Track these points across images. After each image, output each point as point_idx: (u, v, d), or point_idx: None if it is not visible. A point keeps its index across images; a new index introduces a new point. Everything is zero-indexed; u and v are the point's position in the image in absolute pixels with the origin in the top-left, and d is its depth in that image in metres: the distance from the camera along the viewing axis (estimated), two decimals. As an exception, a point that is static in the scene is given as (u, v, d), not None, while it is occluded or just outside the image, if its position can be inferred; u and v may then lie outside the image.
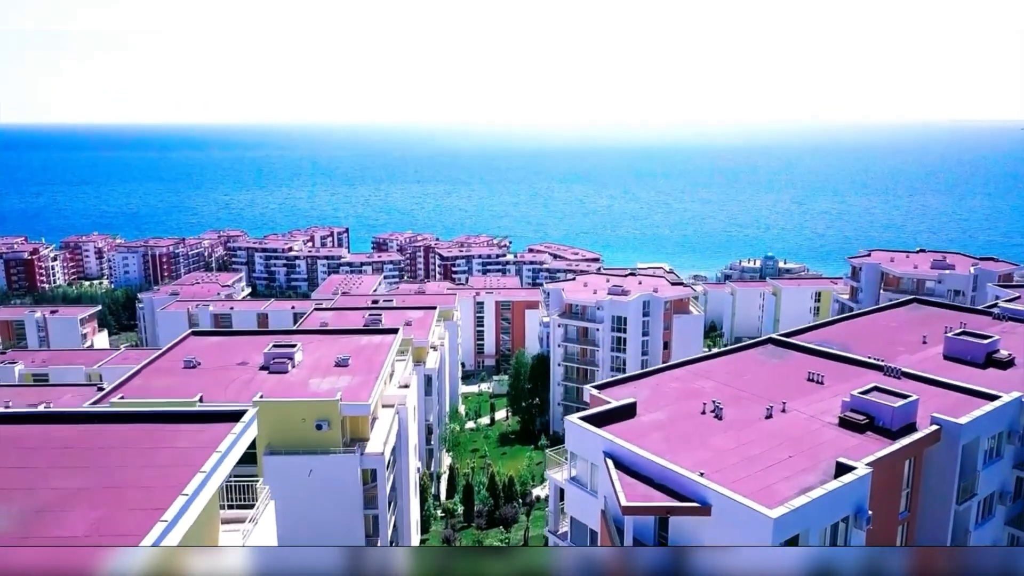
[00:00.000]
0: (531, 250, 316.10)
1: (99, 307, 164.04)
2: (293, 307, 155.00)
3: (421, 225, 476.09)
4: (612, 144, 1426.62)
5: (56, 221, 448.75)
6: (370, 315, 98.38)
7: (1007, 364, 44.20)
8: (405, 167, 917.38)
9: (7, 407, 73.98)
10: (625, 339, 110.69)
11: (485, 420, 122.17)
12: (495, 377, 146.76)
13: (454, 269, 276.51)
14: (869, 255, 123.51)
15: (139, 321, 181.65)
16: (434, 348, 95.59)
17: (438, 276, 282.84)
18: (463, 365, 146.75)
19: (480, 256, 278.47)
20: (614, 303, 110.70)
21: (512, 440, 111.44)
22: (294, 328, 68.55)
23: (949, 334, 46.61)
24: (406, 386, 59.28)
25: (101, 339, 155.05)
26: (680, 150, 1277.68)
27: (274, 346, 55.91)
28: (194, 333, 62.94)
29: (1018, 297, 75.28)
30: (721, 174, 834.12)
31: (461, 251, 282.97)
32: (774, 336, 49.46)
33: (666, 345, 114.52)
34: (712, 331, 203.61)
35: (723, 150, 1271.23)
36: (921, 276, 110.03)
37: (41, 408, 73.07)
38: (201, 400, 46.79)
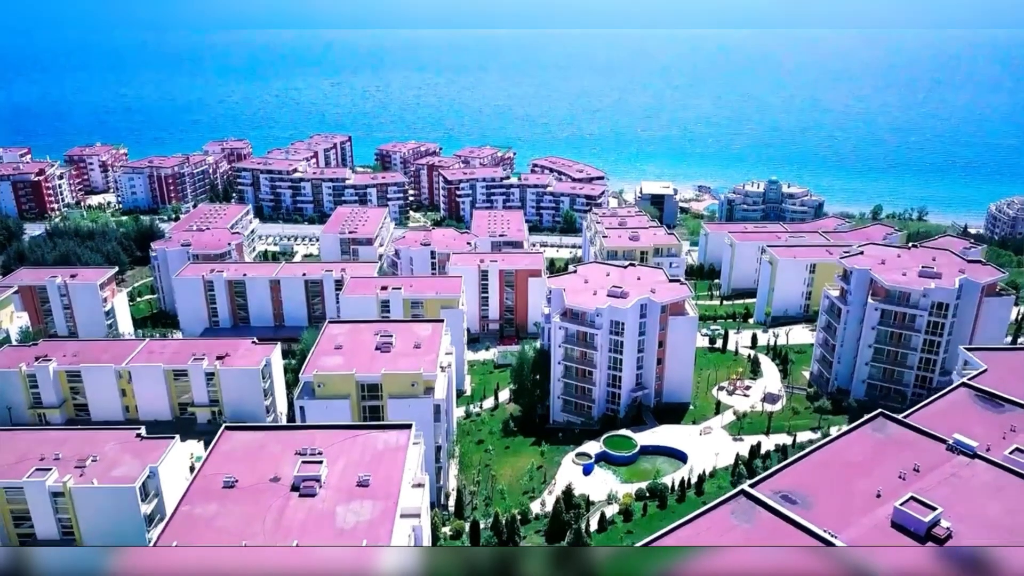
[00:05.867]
0: (534, 168, 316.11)
1: (115, 269, 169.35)
2: (304, 274, 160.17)
3: (423, 125, 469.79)
4: (619, 27, 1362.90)
5: (54, 121, 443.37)
6: (382, 337, 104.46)
7: (943, 540, 50.87)
8: (405, 52, 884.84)
9: (57, 458, 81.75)
10: (622, 342, 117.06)
11: (489, 403, 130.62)
12: (499, 348, 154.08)
13: (458, 193, 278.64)
14: (862, 253, 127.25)
15: (154, 271, 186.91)
16: (442, 369, 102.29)
17: (443, 202, 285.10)
18: (468, 331, 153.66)
19: (484, 179, 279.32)
20: (612, 308, 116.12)
21: (515, 431, 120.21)
22: (319, 423, 74.83)
23: (898, 503, 52.92)
24: (420, 485, 66.46)
25: (121, 301, 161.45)
26: (691, 33, 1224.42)
27: (303, 462, 62.68)
28: (228, 427, 69.60)
29: (986, 370, 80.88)
30: (735, 61, 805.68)
31: (465, 174, 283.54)
32: (746, 489, 55.86)
33: (661, 344, 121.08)
34: (711, 276, 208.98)
35: (739, 31, 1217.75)
36: (906, 288, 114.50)
37: (89, 462, 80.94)
38: (245, 545, 54.11)
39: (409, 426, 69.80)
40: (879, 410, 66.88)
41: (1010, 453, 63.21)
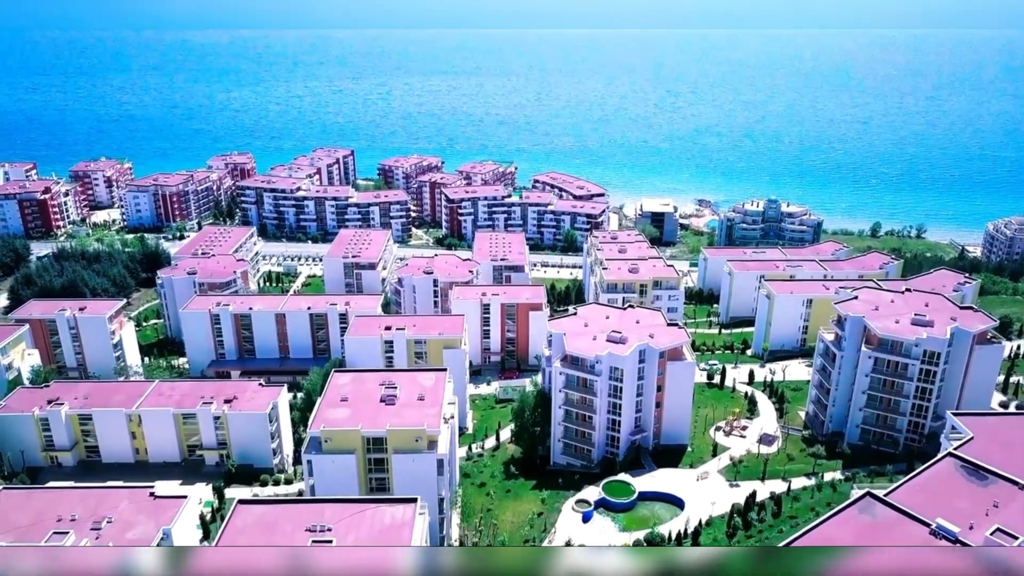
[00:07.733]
0: (535, 184, 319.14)
1: (123, 301, 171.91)
2: (309, 308, 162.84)
3: (424, 134, 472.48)
4: (619, 28, 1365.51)
5: (57, 131, 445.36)
6: (386, 388, 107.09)
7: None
8: (405, 54, 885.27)
9: (73, 519, 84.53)
10: (621, 388, 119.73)
11: (491, 442, 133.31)
12: (500, 381, 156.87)
13: (460, 211, 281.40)
14: (856, 298, 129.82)
15: (160, 297, 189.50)
16: (445, 420, 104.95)
17: (444, 219, 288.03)
18: (471, 363, 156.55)
19: (485, 198, 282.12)
20: (612, 355, 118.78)
21: (516, 474, 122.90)
22: (328, 497, 77.53)
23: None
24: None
25: (128, 333, 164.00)
26: (691, 34, 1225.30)
27: (313, 541, 65.41)
28: (241, 502, 72.35)
29: (972, 438, 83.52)
30: (736, 64, 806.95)
31: (467, 192, 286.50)
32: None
33: (659, 388, 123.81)
34: (711, 300, 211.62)
35: (739, 31, 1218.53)
36: (899, 337, 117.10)
37: (104, 523, 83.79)
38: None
39: (415, 500, 72.50)
40: (866, 491, 69.60)
41: (991, 534, 65.98)
